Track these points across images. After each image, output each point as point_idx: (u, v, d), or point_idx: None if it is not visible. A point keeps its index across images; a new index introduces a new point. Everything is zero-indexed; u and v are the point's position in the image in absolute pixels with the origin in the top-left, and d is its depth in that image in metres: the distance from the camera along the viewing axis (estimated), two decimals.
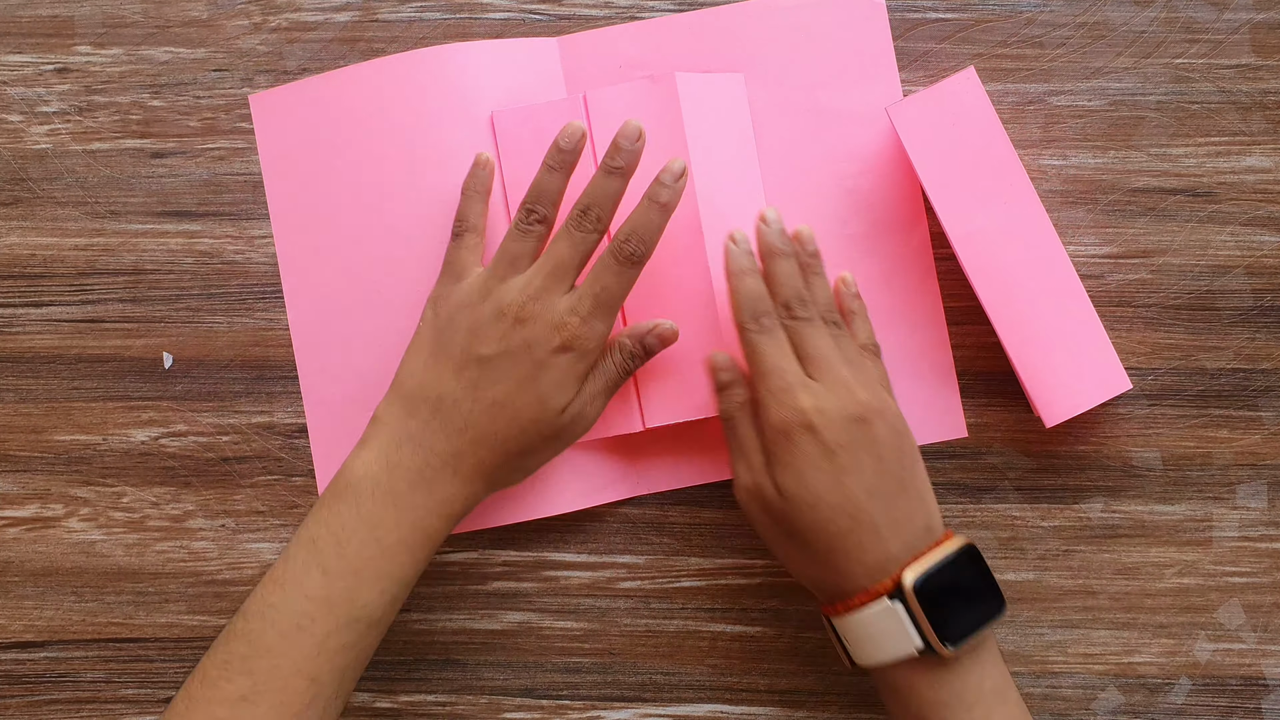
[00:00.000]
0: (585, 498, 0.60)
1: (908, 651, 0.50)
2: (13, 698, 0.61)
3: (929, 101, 0.56)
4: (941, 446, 0.60)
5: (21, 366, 0.61)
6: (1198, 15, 0.60)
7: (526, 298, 0.52)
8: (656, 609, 0.60)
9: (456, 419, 0.52)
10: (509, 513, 0.60)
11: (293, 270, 0.61)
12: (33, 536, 0.61)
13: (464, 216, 0.57)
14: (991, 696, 0.51)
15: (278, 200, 0.61)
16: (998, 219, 0.56)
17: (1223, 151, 0.60)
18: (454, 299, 0.54)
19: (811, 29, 0.60)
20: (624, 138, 0.53)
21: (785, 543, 0.53)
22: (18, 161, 0.61)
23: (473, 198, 0.57)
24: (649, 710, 0.60)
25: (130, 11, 0.61)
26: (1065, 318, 0.56)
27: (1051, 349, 0.56)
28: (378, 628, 0.52)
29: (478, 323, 0.53)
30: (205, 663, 0.51)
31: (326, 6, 0.61)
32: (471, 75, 0.59)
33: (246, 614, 0.51)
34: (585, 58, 0.60)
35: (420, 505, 0.52)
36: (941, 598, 0.50)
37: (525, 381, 0.52)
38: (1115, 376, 0.56)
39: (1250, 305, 0.60)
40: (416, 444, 0.52)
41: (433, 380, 0.53)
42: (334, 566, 0.50)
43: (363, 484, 0.52)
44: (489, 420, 0.52)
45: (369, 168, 0.60)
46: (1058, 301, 0.56)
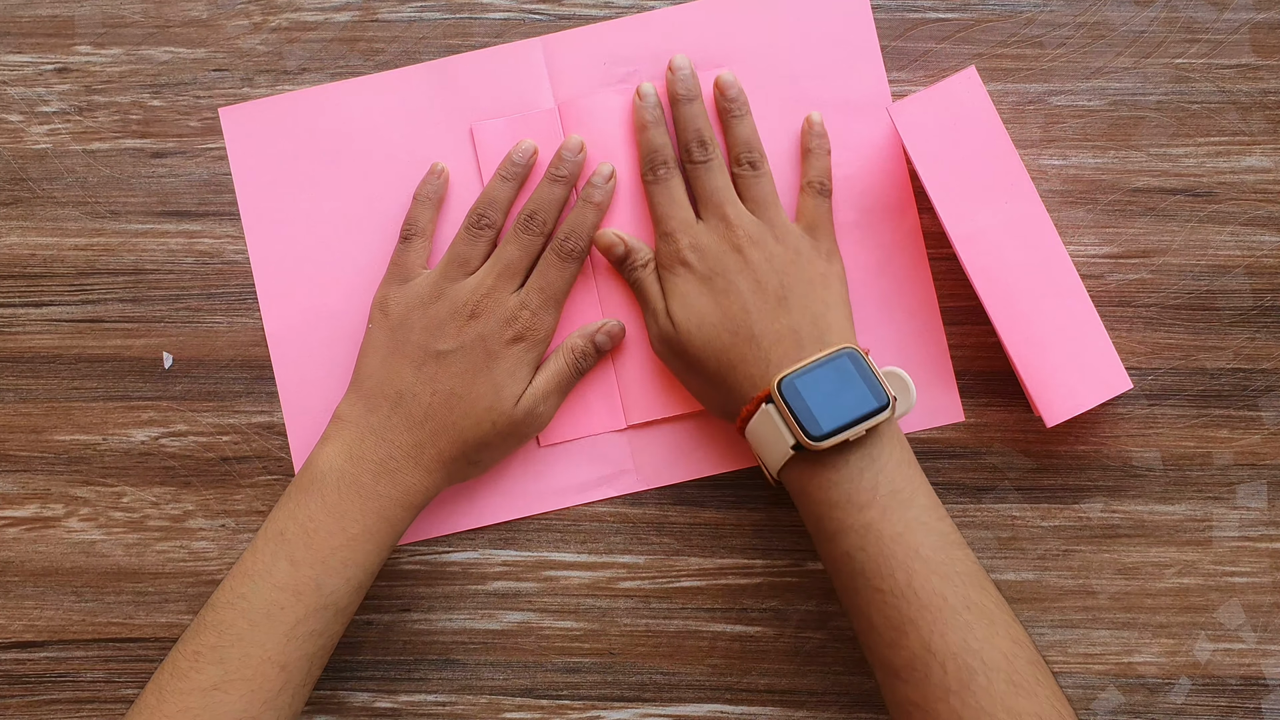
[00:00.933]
0: (586, 492, 0.61)
1: (785, 452, 0.51)
2: (13, 698, 0.61)
3: (930, 101, 0.56)
4: (942, 446, 0.60)
5: (21, 366, 0.61)
6: (1198, 15, 0.60)
7: (480, 295, 0.57)
8: (656, 609, 0.60)
9: (416, 411, 0.55)
10: (513, 508, 0.61)
11: (268, 280, 0.61)
12: (33, 536, 0.61)
13: (414, 220, 0.59)
14: (888, 499, 0.50)
15: (250, 210, 0.61)
16: (999, 219, 0.56)
17: (1223, 151, 0.60)
18: (405, 299, 0.57)
19: (794, 20, 0.60)
20: (567, 150, 0.59)
21: (689, 375, 0.57)
22: (18, 161, 0.61)
23: (424, 203, 0.60)
24: (649, 710, 0.60)
25: (130, 11, 0.61)
26: (1066, 317, 0.56)
27: (1052, 349, 0.56)
28: (344, 615, 0.54)
29: (434, 320, 0.56)
30: (174, 654, 0.52)
31: (326, 6, 0.61)
32: (459, 86, 0.60)
33: (215, 605, 0.52)
34: (569, 57, 0.60)
35: (384, 495, 0.54)
36: (812, 397, 0.51)
37: (480, 372, 0.56)
38: (1116, 376, 0.56)
39: (1250, 305, 0.60)
40: (379, 437, 0.55)
41: (392, 377, 0.56)
42: (302, 556, 0.52)
43: (328, 477, 0.54)
44: (447, 411, 0.55)
45: (349, 181, 0.61)
46: (1059, 301, 0.56)
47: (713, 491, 0.61)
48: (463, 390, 0.56)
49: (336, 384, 0.60)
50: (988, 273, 0.56)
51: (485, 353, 0.56)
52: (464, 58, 0.60)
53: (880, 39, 0.60)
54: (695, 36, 0.60)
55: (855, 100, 0.60)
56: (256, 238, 0.61)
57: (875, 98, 0.60)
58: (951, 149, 0.56)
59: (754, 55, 0.60)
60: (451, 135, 0.61)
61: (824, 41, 0.60)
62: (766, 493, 0.60)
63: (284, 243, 0.61)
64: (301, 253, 0.61)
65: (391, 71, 0.61)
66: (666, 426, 0.60)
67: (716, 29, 0.60)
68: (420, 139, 0.61)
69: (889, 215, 0.60)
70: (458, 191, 0.60)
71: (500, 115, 0.60)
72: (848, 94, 0.60)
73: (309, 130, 0.61)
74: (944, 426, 0.60)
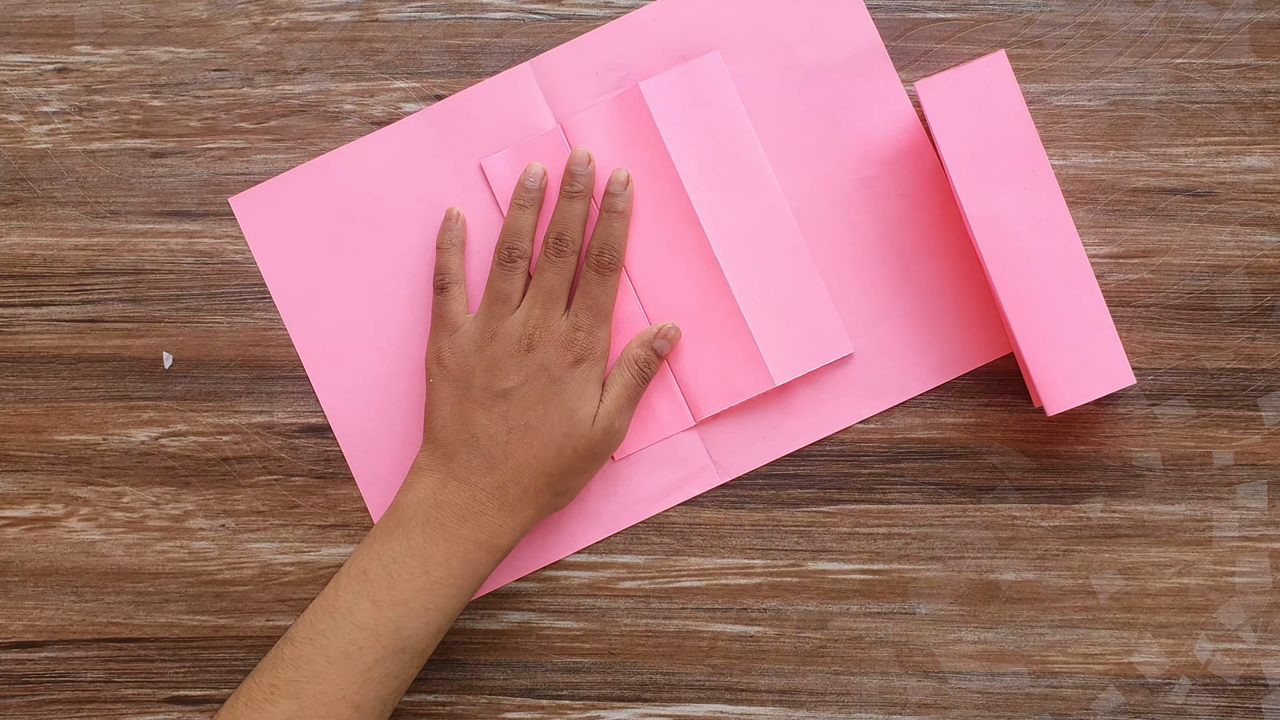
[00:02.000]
0: (668, 497, 0.61)
1: None
2: (13, 698, 0.61)
3: (958, 81, 0.56)
4: (942, 446, 0.60)
5: (21, 366, 0.61)
6: (1198, 15, 0.60)
7: (532, 326, 0.57)
8: (656, 609, 0.60)
9: (495, 451, 0.55)
10: (599, 528, 0.61)
11: (316, 359, 0.61)
12: (33, 536, 0.61)
13: (444, 269, 0.59)
14: None
15: (282, 294, 0.61)
16: (1016, 204, 0.56)
17: (1223, 151, 0.60)
18: (459, 348, 0.57)
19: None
20: (575, 164, 0.58)
21: None
22: (18, 161, 0.61)
23: (449, 250, 0.60)
24: (649, 710, 0.60)
25: (130, 11, 0.61)
26: (1075, 308, 0.56)
27: (1059, 338, 0.56)
28: (420, 658, 0.54)
29: (492, 361, 0.56)
30: (249, 685, 0.52)
31: (326, 6, 0.61)
32: (458, 126, 0.61)
33: (294, 640, 0.52)
34: (561, 74, 0.60)
35: (469, 538, 0.54)
36: None
37: (550, 400, 0.56)
38: (1120, 370, 0.56)
39: (1250, 305, 0.60)
40: (461, 481, 0.55)
41: (464, 424, 0.56)
42: (383, 598, 0.53)
43: (413, 520, 0.54)
44: (525, 446, 0.55)
45: (372, 243, 0.61)
46: (1069, 292, 0.56)
47: (713, 491, 0.61)
48: (537, 422, 0.55)
49: (403, 445, 0.60)
50: (1001, 256, 0.56)
51: (550, 380, 0.56)
52: (457, 97, 0.61)
53: (880, 39, 0.60)
54: (682, 28, 0.60)
55: (849, 57, 0.60)
56: (294, 319, 0.61)
57: (870, 52, 0.60)
58: (976, 130, 0.56)
59: (742, 35, 0.60)
60: (461, 176, 0.61)
61: (810, 3, 0.60)
62: (766, 493, 0.60)
63: (322, 318, 0.61)
64: (341, 325, 0.61)
65: (389, 127, 0.61)
66: (735, 415, 0.60)
67: (701, 15, 0.60)
68: (432, 186, 0.61)
69: (907, 162, 0.60)
70: (481, 228, 0.61)
71: (505, 146, 0.60)
72: (840, 52, 0.60)
73: (321, 202, 0.61)
74: (944, 426, 0.60)
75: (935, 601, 0.60)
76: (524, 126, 0.61)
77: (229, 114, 0.61)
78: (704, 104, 0.60)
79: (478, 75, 0.61)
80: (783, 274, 0.60)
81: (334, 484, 0.61)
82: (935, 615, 0.60)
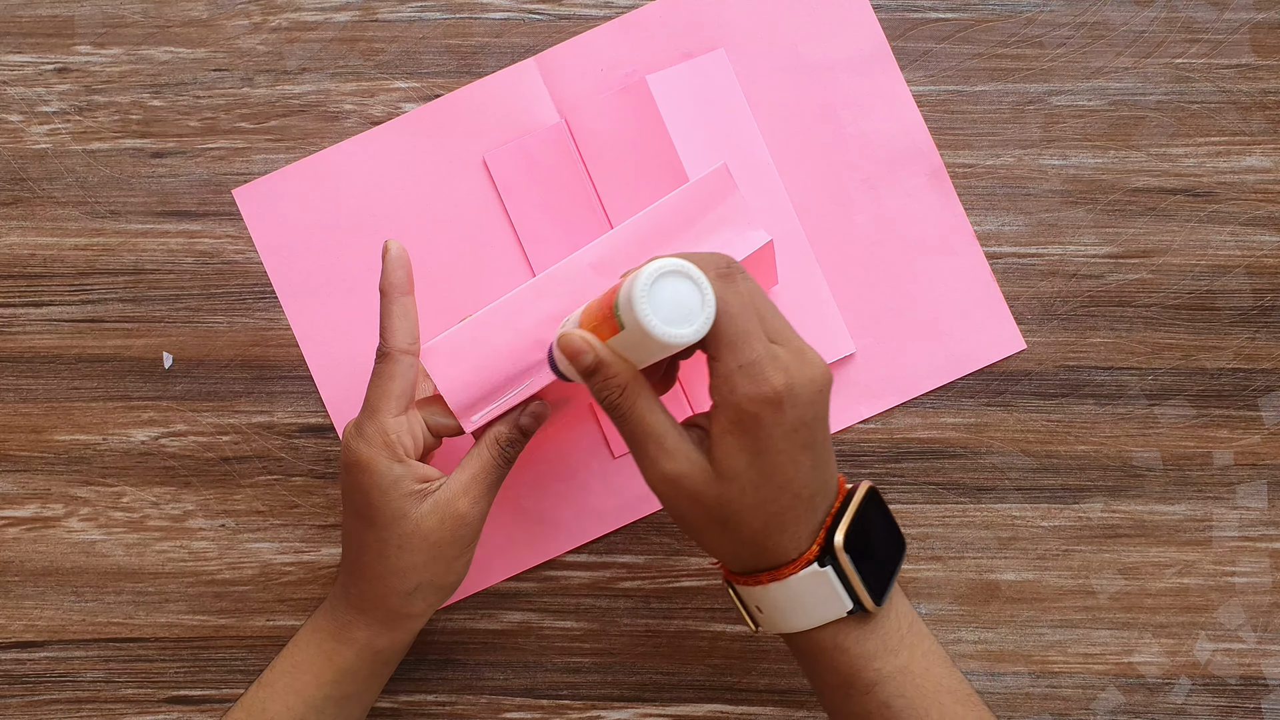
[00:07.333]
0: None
1: (838, 613, 0.46)
2: (13, 698, 0.61)
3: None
4: (942, 446, 0.60)
5: (21, 366, 0.61)
6: (1198, 15, 0.60)
7: None
8: (656, 609, 0.60)
9: (351, 558, 0.52)
10: (600, 524, 0.61)
11: (317, 355, 0.61)
12: (33, 536, 0.61)
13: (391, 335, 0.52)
14: (911, 635, 0.48)
15: (286, 290, 0.61)
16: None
17: (1223, 151, 0.60)
18: None
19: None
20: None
21: (711, 528, 0.46)
22: (18, 161, 0.61)
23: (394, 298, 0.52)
24: (649, 710, 0.60)
25: (130, 11, 0.61)
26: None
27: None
28: None
29: None
30: None
31: (326, 6, 0.61)
32: (463, 121, 0.60)
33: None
34: (566, 70, 0.61)
35: (322, 629, 0.53)
36: (862, 551, 0.46)
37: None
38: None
39: (1250, 305, 0.60)
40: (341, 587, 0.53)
41: None
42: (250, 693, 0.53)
43: None
44: (363, 558, 0.51)
45: (377, 238, 0.61)
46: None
47: None
48: (346, 524, 0.53)
49: None
50: None
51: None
52: (462, 91, 0.61)
53: (885, 39, 0.60)
54: (686, 25, 0.60)
55: (853, 55, 0.60)
56: (296, 312, 0.61)
57: (875, 52, 0.60)
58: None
59: (746, 33, 0.60)
60: (465, 170, 0.60)
61: (816, 4, 0.60)
62: None
63: (324, 312, 0.61)
64: (343, 319, 0.61)
65: (394, 120, 0.61)
66: None
67: (705, 12, 0.60)
68: (436, 180, 0.60)
69: (909, 161, 0.60)
70: (483, 223, 0.60)
71: (508, 140, 0.60)
72: (844, 49, 0.60)
73: (324, 195, 0.61)
74: (944, 426, 0.60)
75: (935, 601, 0.60)
76: (527, 121, 0.61)
77: (229, 114, 0.61)
78: (708, 100, 0.60)
79: (477, 75, 0.61)
80: (785, 272, 0.60)
81: (334, 484, 0.61)
82: (935, 615, 0.60)
